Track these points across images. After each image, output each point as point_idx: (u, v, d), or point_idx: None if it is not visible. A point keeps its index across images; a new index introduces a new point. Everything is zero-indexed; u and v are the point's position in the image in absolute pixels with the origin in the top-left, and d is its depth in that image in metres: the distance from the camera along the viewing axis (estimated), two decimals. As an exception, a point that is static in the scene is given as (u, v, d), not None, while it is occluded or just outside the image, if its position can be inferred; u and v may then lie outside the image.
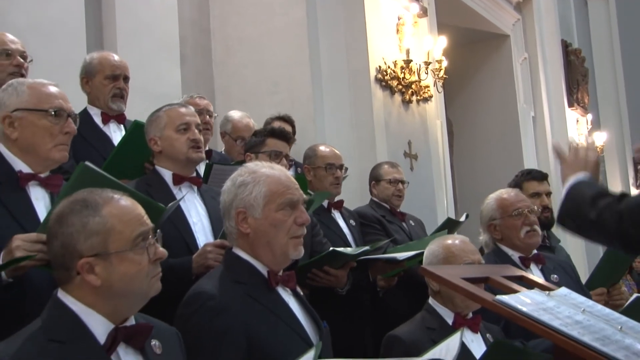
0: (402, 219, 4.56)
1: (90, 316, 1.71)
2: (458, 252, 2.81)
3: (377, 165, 4.79)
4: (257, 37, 5.97)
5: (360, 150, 5.89)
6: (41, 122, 2.41)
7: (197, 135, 2.98)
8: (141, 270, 1.74)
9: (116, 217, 1.75)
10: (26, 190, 2.39)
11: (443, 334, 2.63)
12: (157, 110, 3.07)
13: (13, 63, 3.42)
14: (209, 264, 2.68)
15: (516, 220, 3.39)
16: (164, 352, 1.82)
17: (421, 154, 6.67)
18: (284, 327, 2.16)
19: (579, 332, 1.69)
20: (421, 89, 6.70)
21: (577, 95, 11.93)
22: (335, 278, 3.34)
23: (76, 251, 1.71)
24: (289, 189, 2.27)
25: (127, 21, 4.95)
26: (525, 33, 10.39)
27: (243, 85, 5.94)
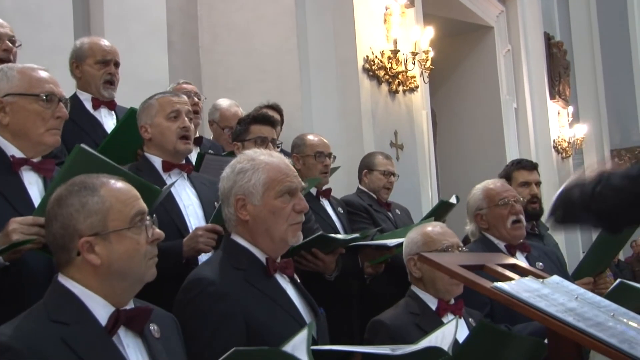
0: (388, 209, 4.58)
1: (91, 299, 1.73)
2: (436, 237, 2.84)
3: (371, 155, 4.78)
4: (244, 24, 5.95)
5: (347, 139, 5.89)
6: (32, 107, 2.39)
7: (187, 123, 2.98)
8: (139, 249, 1.77)
9: (114, 197, 1.77)
10: (19, 174, 2.38)
11: (427, 319, 2.69)
12: (149, 98, 3.07)
13: (1, 47, 3.37)
14: (200, 247, 2.70)
15: (502, 210, 3.43)
16: (162, 337, 1.84)
17: (407, 144, 6.70)
18: (281, 313, 2.17)
19: (574, 318, 1.72)
20: (408, 79, 6.72)
21: (559, 87, 12.05)
22: (323, 263, 3.34)
23: (76, 231, 1.73)
24: (287, 177, 2.27)
25: (115, 6, 4.92)
26: (509, 25, 10.45)
27: (230, 73, 5.92)
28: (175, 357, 1.85)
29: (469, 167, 9.18)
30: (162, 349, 1.80)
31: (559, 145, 11.74)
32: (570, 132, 12.29)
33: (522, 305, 1.73)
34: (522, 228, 3.46)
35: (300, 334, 1.85)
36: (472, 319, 2.84)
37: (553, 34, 12.51)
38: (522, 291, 1.80)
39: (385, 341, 2.40)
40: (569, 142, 12.14)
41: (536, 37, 11.21)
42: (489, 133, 9.66)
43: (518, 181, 4.19)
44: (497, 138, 9.66)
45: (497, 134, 9.67)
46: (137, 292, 1.83)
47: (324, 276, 3.44)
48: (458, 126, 9.89)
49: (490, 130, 9.68)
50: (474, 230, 3.57)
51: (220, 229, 2.70)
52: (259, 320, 2.10)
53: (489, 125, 9.69)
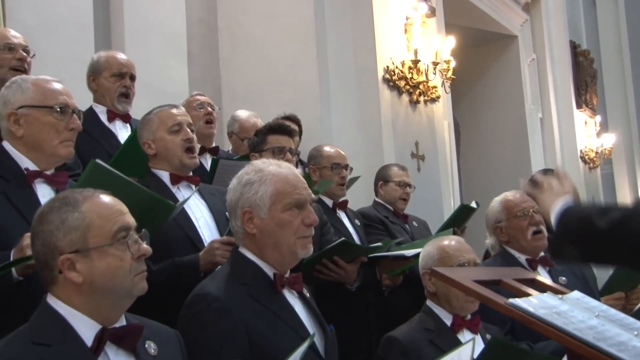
0: (405, 221, 4.55)
1: (76, 318, 1.69)
2: (453, 252, 2.79)
3: (386, 166, 4.77)
4: (264, 35, 5.95)
5: (367, 150, 5.85)
6: (46, 119, 2.40)
7: (190, 134, 2.96)
8: (123, 266, 1.71)
9: (95, 212, 1.72)
10: (33, 187, 2.39)
11: (441, 335, 2.64)
12: (147, 113, 3.06)
13: (16, 57, 3.38)
14: (217, 260, 2.67)
15: (522, 221, 3.37)
16: (160, 354, 1.79)
17: (428, 155, 6.64)
18: (287, 330, 2.12)
19: (593, 337, 1.66)
20: (429, 90, 6.67)
21: (586, 96, 11.89)
22: (345, 272, 3.30)
23: (56, 248, 1.69)
24: (296, 189, 2.21)
25: (135, 19, 4.95)
26: (534, 34, 10.35)
27: (250, 84, 5.92)
28: None
29: (493, 178, 9.08)
30: None
31: (586, 156, 11.57)
32: (597, 142, 12.11)
33: (538, 323, 1.68)
34: (544, 238, 3.39)
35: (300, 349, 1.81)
36: (489, 335, 2.77)
37: (579, 42, 12.36)
38: (538, 308, 1.74)
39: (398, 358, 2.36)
40: (597, 152, 11.97)
41: (561, 45, 11.09)
42: (513, 143, 9.54)
43: None
44: (522, 148, 9.54)
45: (521, 145, 9.55)
46: (126, 308, 1.78)
47: (345, 286, 3.40)
48: (482, 137, 9.80)
49: (514, 140, 9.56)
50: (494, 244, 3.51)
51: None
52: (263, 337, 2.06)
53: (514, 136, 9.57)
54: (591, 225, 1.87)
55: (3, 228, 2.25)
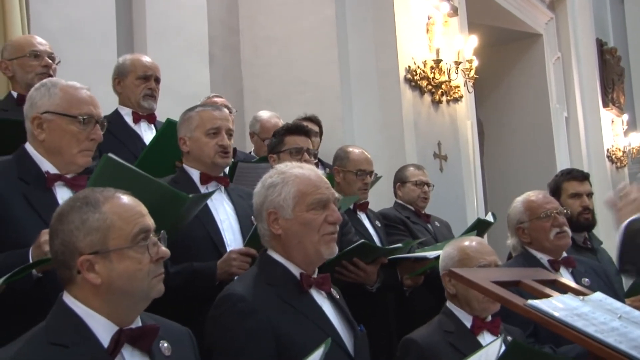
0: (427, 221, 4.52)
1: (93, 319, 1.68)
2: (473, 254, 2.75)
3: (403, 168, 4.74)
4: (285, 36, 5.95)
5: (389, 151, 5.83)
6: (69, 128, 2.42)
7: (226, 141, 2.97)
8: (142, 269, 1.70)
9: (116, 213, 1.71)
10: (53, 190, 2.41)
11: (461, 337, 2.61)
12: (190, 109, 3.06)
13: (41, 64, 3.46)
14: (233, 271, 2.69)
15: (545, 223, 3.31)
16: (174, 354, 1.79)
17: (451, 155, 6.60)
18: (315, 330, 2.12)
19: (615, 339, 1.63)
20: (451, 89, 6.63)
21: (613, 95, 11.75)
22: (365, 273, 3.28)
23: (76, 249, 1.68)
24: (318, 189, 2.23)
25: (157, 22, 4.99)
26: (559, 32, 10.25)
27: (271, 85, 5.93)
28: None
29: (517, 178, 9.00)
30: None
31: (613, 155, 11.43)
32: (625, 141, 11.97)
33: (558, 325, 1.65)
34: (567, 237, 3.33)
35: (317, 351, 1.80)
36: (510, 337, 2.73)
37: (606, 40, 12.22)
38: (558, 309, 1.72)
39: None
40: (624, 152, 11.82)
41: (588, 43, 10.96)
42: (538, 143, 9.45)
43: (568, 192, 4.05)
44: (547, 148, 9.44)
45: (547, 144, 9.46)
46: (142, 309, 1.78)
47: (366, 287, 3.38)
48: (506, 136, 9.71)
49: (539, 140, 9.47)
50: (515, 245, 3.44)
51: (254, 252, 2.69)
52: (290, 337, 2.06)
53: (539, 135, 9.48)
54: None
55: (23, 229, 2.27)
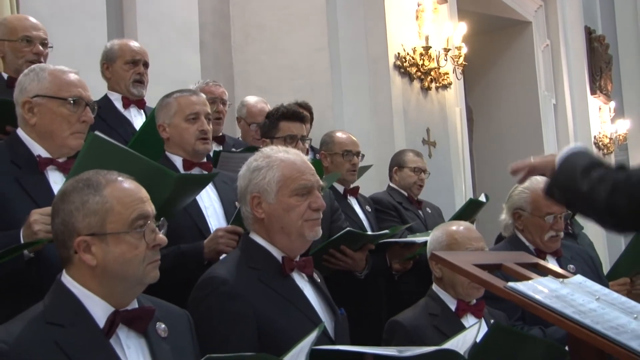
0: (418, 207, 4.53)
1: (90, 299, 1.70)
2: (461, 239, 2.76)
3: (402, 152, 4.73)
4: (276, 23, 5.94)
5: (378, 137, 5.85)
6: (60, 110, 2.43)
7: (205, 125, 2.95)
8: (137, 254, 1.72)
9: (116, 198, 1.72)
10: (45, 174, 2.42)
11: (446, 320, 2.63)
12: (167, 95, 3.04)
13: (33, 51, 3.43)
14: (220, 248, 2.68)
15: (545, 223, 3.25)
16: (170, 336, 1.81)
17: (440, 142, 6.62)
18: (296, 314, 2.13)
19: (592, 320, 1.65)
20: (440, 76, 6.64)
21: (600, 82, 11.78)
22: (353, 260, 3.29)
23: (74, 229, 1.70)
24: (303, 175, 2.22)
25: (148, 8, 4.97)
26: (548, 20, 10.24)
27: (262, 72, 5.92)
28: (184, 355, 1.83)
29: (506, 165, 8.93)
30: (167, 349, 1.77)
31: (600, 142, 11.48)
32: (612, 128, 12.00)
33: (536, 307, 1.68)
34: (559, 240, 3.32)
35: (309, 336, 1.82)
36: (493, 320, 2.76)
37: (594, 28, 12.22)
38: (537, 291, 1.75)
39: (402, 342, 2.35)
40: (611, 138, 11.86)
41: (576, 31, 10.97)
42: (527, 130, 9.47)
43: None
44: (536, 135, 9.47)
45: (535, 131, 9.48)
46: (138, 294, 1.80)
47: (355, 274, 3.41)
48: (495, 123, 9.73)
49: (528, 126, 9.49)
50: (508, 224, 3.40)
51: (241, 230, 2.68)
52: (272, 320, 2.07)
53: (527, 122, 9.50)
54: (574, 183, 1.88)
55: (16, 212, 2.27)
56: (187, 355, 1.85)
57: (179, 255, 2.68)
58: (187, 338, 1.90)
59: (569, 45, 10.56)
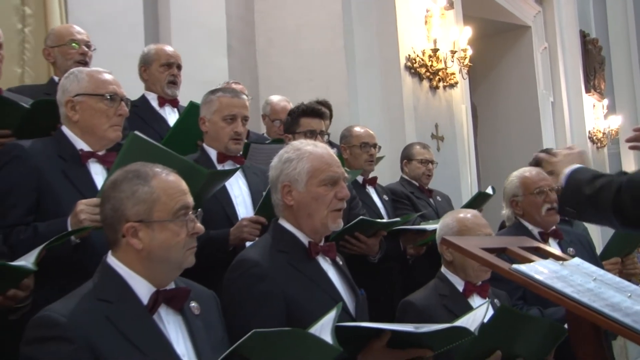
0: (429, 196, 4.50)
1: (134, 279, 1.72)
2: (471, 226, 2.73)
3: (410, 146, 4.71)
4: (296, 29, 5.92)
5: (391, 132, 5.82)
6: (98, 106, 2.45)
7: (240, 127, 2.93)
8: (179, 241, 1.74)
9: (162, 189, 1.74)
10: (87, 166, 2.44)
11: (454, 300, 2.61)
12: (212, 91, 3.03)
13: (79, 52, 3.47)
14: (244, 236, 2.69)
15: (538, 198, 3.28)
16: (202, 313, 1.82)
17: (447, 136, 6.58)
18: (321, 294, 2.12)
19: (589, 298, 1.64)
20: (447, 76, 6.59)
21: (594, 81, 11.67)
22: (367, 245, 3.28)
23: (124, 215, 1.72)
24: (330, 166, 2.21)
25: (181, 16, 4.99)
26: (546, 24, 10.15)
27: (283, 73, 5.90)
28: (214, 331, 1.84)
29: (508, 157, 8.97)
30: (200, 325, 1.79)
31: (594, 136, 11.37)
32: (605, 124, 11.89)
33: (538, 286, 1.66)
34: (556, 214, 3.31)
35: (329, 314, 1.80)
36: (497, 299, 2.74)
37: (588, 32, 12.09)
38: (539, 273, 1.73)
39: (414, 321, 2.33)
40: (604, 133, 11.74)
41: (572, 35, 10.86)
42: (527, 125, 9.41)
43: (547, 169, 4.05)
44: (535, 129, 9.40)
45: (534, 126, 9.42)
46: (176, 275, 1.81)
47: (369, 258, 3.39)
48: (498, 119, 9.67)
49: (528, 122, 9.42)
50: (509, 215, 3.41)
51: (264, 220, 2.69)
52: (298, 300, 2.07)
53: (527, 118, 9.43)
54: (581, 193, 1.92)
55: (62, 201, 2.31)
56: (216, 332, 1.86)
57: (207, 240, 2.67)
58: (215, 316, 1.91)
59: (565, 48, 10.47)
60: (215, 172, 2.64)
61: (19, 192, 2.32)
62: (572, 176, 2.02)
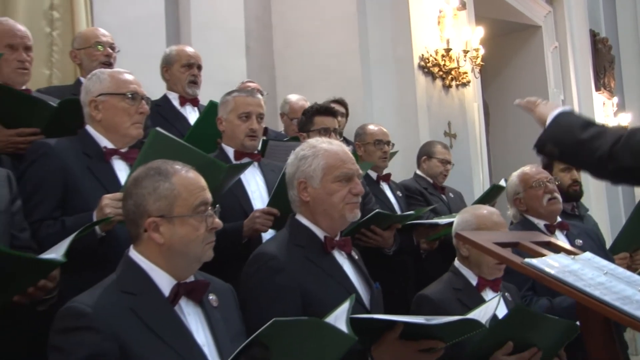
0: (442, 192, 4.49)
1: (155, 272, 1.73)
2: (489, 223, 2.69)
3: (431, 143, 4.67)
4: (312, 30, 5.91)
5: (404, 130, 5.78)
6: (120, 104, 2.48)
7: (255, 125, 2.96)
8: (198, 235, 1.74)
9: (183, 185, 1.75)
10: (110, 163, 2.46)
11: (468, 294, 2.59)
12: (228, 93, 3.07)
13: (104, 53, 3.50)
14: (257, 227, 2.70)
15: (537, 191, 3.31)
16: (220, 306, 1.83)
17: (460, 134, 6.53)
18: (336, 287, 2.12)
19: (601, 292, 1.62)
20: (460, 75, 6.54)
21: (604, 80, 11.53)
22: (382, 238, 3.28)
23: (146, 211, 1.73)
24: (345, 163, 2.21)
25: (201, 18, 5.01)
26: (556, 24, 10.04)
27: (301, 73, 5.90)
28: (232, 323, 1.85)
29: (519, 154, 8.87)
30: (219, 317, 1.79)
31: (605, 133, 11.24)
32: (615, 121, 11.75)
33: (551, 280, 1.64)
34: (558, 203, 3.31)
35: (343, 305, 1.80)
36: (508, 293, 2.73)
37: (598, 31, 11.95)
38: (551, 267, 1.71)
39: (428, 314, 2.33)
40: (614, 130, 11.61)
41: (582, 34, 10.72)
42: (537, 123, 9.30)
43: (560, 166, 4.03)
44: (545, 127, 9.29)
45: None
46: (196, 269, 1.82)
47: (384, 251, 3.38)
48: (509, 117, 9.57)
49: (539, 120, 9.32)
50: (515, 214, 3.45)
51: (276, 211, 2.69)
52: (314, 293, 2.06)
53: (538, 116, 9.33)
54: (572, 134, 1.87)
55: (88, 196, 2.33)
56: (234, 323, 1.87)
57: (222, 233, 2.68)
58: (233, 308, 1.92)
59: (575, 47, 10.35)
60: (233, 166, 2.66)
61: (46, 188, 2.35)
62: (561, 117, 1.96)
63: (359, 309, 2.12)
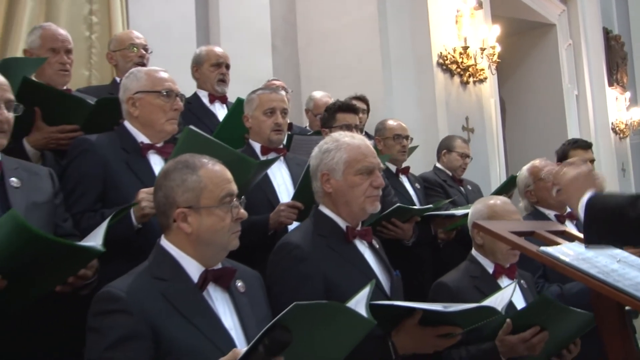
0: (460, 184, 4.44)
1: (185, 260, 1.73)
2: (501, 212, 2.65)
3: (451, 137, 4.61)
4: (335, 29, 5.90)
5: (424, 125, 5.75)
6: (156, 101, 2.48)
7: (280, 119, 2.95)
8: (224, 225, 1.74)
9: (209, 178, 1.75)
10: (147, 157, 2.47)
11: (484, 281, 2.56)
12: (253, 91, 3.07)
13: (138, 54, 3.52)
14: (282, 220, 2.70)
15: (546, 182, 3.23)
16: (247, 291, 1.83)
17: (477, 128, 6.47)
18: (358, 275, 2.11)
19: (614, 279, 1.59)
20: (477, 72, 6.48)
21: (617, 75, 11.32)
22: (402, 230, 3.26)
23: (174, 202, 1.73)
24: (366, 157, 2.19)
25: (229, 20, 5.02)
26: (570, 22, 9.88)
27: (324, 71, 5.89)
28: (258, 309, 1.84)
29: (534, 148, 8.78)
30: (246, 302, 1.79)
31: (617, 127, 11.03)
32: (627, 115, 11.54)
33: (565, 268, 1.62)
34: None
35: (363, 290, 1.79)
36: (523, 280, 2.69)
37: (611, 29, 11.74)
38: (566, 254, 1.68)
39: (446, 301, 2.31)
40: (626, 124, 11.40)
41: (595, 32, 10.54)
42: (552, 118, 9.19)
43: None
44: (560, 122, 9.17)
45: (559, 118, 9.19)
46: (223, 257, 1.82)
47: (403, 242, 3.37)
48: (524, 112, 9.48)
49: (553, 115, 9.20)
50: (526, 205, 3.40)
51: (300, 205, 2.69)
52: (337, 281, 2.05)
53: (553, 111, 9.21)
54: (623, 215, 1.70)
55: (126, 189, 2.35)
56: (260, 308, 1.86)
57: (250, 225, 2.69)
58: (259, 294, 1.91)
59: (589, 44, 10.19)
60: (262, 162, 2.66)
61: (88, 181, 2.37)
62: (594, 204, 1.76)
63: (380, 295, 2.11)
